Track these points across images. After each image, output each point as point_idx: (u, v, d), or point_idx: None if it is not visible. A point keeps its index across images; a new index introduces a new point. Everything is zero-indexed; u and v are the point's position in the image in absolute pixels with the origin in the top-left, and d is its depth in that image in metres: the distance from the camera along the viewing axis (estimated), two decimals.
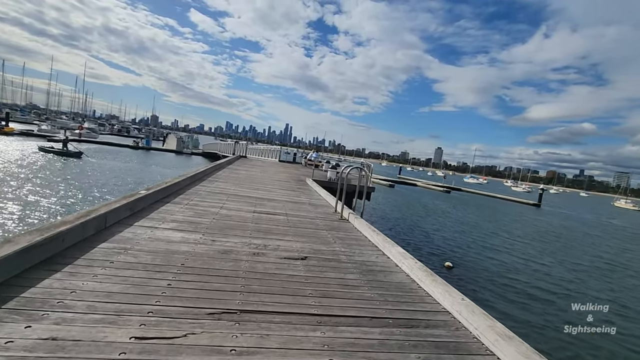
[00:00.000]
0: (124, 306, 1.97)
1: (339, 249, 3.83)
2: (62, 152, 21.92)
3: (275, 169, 15.04)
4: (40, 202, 10.00)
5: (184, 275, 2.52)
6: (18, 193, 10.78)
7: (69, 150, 22.25)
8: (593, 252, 14.51)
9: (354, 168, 6.27)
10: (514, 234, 16.46)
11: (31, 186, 11.94)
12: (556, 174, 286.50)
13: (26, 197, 10.44)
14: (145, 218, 3.90)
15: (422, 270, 3.07)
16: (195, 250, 3.12)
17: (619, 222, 33.18)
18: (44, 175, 14.25)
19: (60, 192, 11.67)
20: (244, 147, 23.94)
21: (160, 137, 58.85)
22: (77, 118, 68.41)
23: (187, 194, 5.85)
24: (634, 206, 69.22)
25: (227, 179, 8.96)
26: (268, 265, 3.01)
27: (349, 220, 5.52)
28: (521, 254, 12.20)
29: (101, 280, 2.25)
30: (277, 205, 6.12)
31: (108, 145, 36.59)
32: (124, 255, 2.74)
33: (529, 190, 71.54)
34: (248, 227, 4.23)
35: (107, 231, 3.24)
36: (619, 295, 8.88)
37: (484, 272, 9.27)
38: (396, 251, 3.64)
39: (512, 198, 40.23)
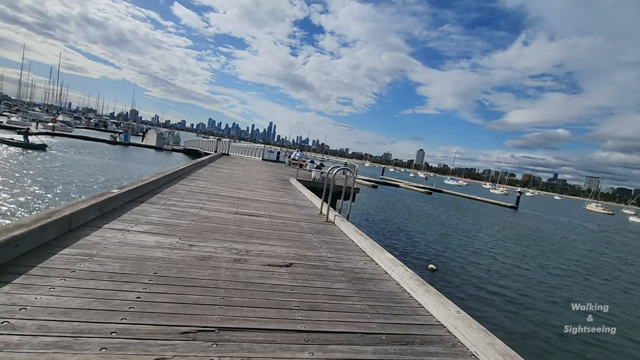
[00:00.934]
0: (84, 326, 1.71)
1: (325, 255, 3.64)
2: (23, 144, 20.58)
3: (258, 168, 14.72)
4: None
5: (156, 287, 2.27)
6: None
7: (31, 143, 20.95)
8: (571, 255, 14.89)
9: (341, 169, 6.10)
10: (495, 236, 16.74)
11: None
12: (532, 177, 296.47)
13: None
14: (117, 220, 3.59)
15: (413, 279, 2.92)
16: (171, 256, 2.86)
17: (591, 226, 34.46)
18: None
19: (17, 189, 10.67)
20: (226, 144, 23.43)
21: (139, 132, 56.99)
22: (51, 110, 65.47)
23: (164, 193, 5.52)
24: (604, 209, 72.45)
25: (208, 177, 8.62)
26: (250, 273, 2.79)
27: (334, 222, 5.35)
28: (503, 256, 12.37)
29: (58, 294, 1.97)
30: (260, 206, 5.88)
31: (83, 139, 35.09)
32: (88, 262, 2.45)
33: (506, 193, 73.67)
34: (229, 230, 3.98)
35: (71, 235, 2.93)
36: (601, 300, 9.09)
37: (467, 274, 9.30)
38: (385, 257, 3.48)
39: (491, 200, 41.18)
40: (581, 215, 50.54)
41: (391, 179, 52.17)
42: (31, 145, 20.67)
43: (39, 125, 36.54)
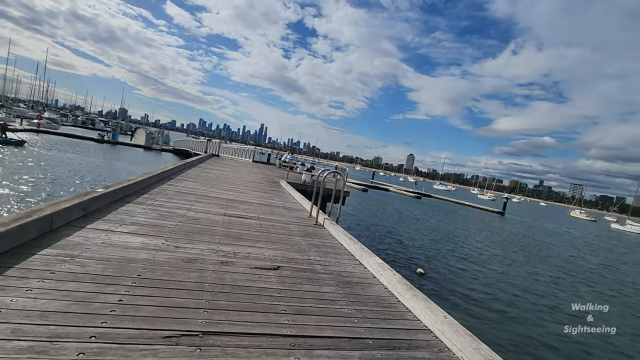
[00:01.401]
0: (61, 330, 1.65)
1: (314, 258, 3.61)
2: (3, 141, 19.99)
3: (248, 170, 14.62)
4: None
5: (139, 289, 2.21)
6: None
7: (9, 139, 20.30)
8: (557, 261, 15.12)
9: (331, 172, 6.10)
10: (483, 241, 16.92)
11: None
12: (518, 183, 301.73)
13: None
14: (101, 220, 3.51)
15: (401, 284, 2.92)
16: (156, 258, 2.80)
17: (575, 232, 35.14)
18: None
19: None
20: (216, 145, 23.24)
21: (128, 131, 56.08)
22: (37, 107, 64.05)
23: (151, 193, 5.43)
24: (587, 216, 74.16)
25: (197, 178, 8.52)
26: (237, 276, 2.75)
27: (324, 226, 5.33)
28: (491, 262, 12.49)
29: (36, 296, 1.90)
30: (249, 208, 5.83)
31: (70, 137, 34.33)
32: (69, 263, 2.38)
33: (494, 199, 74.73)
34: (217, 232, 3.93)
35: (52, 235, 2.84)
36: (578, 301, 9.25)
37: (455, 279, 9.37)
38: (374, 261, 3.48)
39: (478, 206, 41.71)
40: (566, 222, 51.56)
41: (381, 182, 52.44)
42: (8, 142, 20.04)
43: (23, 122, 35.65)
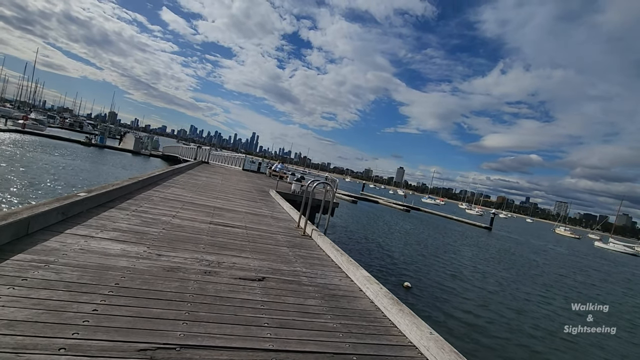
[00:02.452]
0: (28, 340, 1.57)
1: (300, 269, 3.55)
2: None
3: (238, 178, 14.50)
4: None
5: (116, 299, 2.13)
6: None
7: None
8: (544, 279, 15.24)
9: (320, 183, 6.08)
10: (470, 257, 17.01)
11: None
12: (505, 199, 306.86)
13: None
14: (81, 225, 3.40)
15: (387, 298, 2.88)
16: (136, 266, 2.71)
17: (561, 249, 35.64)
18: None
19: None
20: (206, 152, 23.05)
21: (117, 135, 55.25)
22: (23, 107, 62.71)
23: (136, 199, 5.31)
24: (572, 234, 75.54)
25: (185, 185, 8.39)
26: (220, 286, 2.67)
27: (311, 237, 5.28)
28: (478, 277, 12.53)
29: (4, 304, 1.81)
30: (236, 216, 5.74)
31: (56, 139, 33.60)
32: (43, 270, 2.28)
33: (481, 214, 75.67)
34: (202, 240, 3.84)
35: (28, 239, 2.73)
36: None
37: (442, 294, 9.35)
38: (361, 274, 3.44)
39: (466, 220, 42.11)
40: (551, 239, 52.36)
41: (371, 195, 52.62)
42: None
43: (8, 122, 34.83)
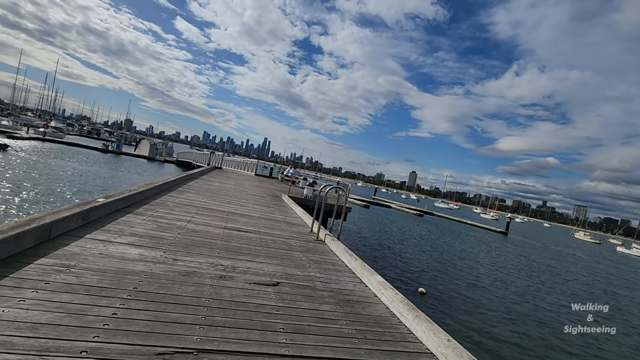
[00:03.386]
0: (51, 343, 1.60)
1: (314, 274, 3.54)
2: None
3: (250, 183, 14.63)
4: None
5: (134, 302, 2.16)
6: None
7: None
8: (564, 287, 14.73)
9: (333, 187, 6.07)
10: (486, 262, 16.69)
11: None
12: (521, 203, 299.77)
13: None
14: (100, 230, 3.47)
15: (403, 304, 2.84)
16: (153, 270, 2.75)
17: (583, 255, 34.43)
18: None
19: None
20: (219, 158, 23.34)
21: (133, 141, 56.64)
22: (44, 116, 64.96)
23: (152, 204, 5.40)
24: (592, 239, 73.28)
25: (199, 190, 8.51)
26: (235, 291, 2.69)
27: (325, 241, 5.26)
28: (495, 283, 12.27)
29: (28, 307, 1.86)
30: (249, 221, 5.78)
31: (74, 146, 34.66)
32: (64, 274, 2.33)
33: (497, 218, 74.27)
34: (216, 245, 3.88)
35: (50, 244, 2.81)
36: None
37: (458, 300, 9.18)
38: (375, 280, 3.40)
39: (481, 225, 41.39)
40: (570, 244, 50.92)
41: (383, 199, 52.32)
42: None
43: (29, 130, 36.08)
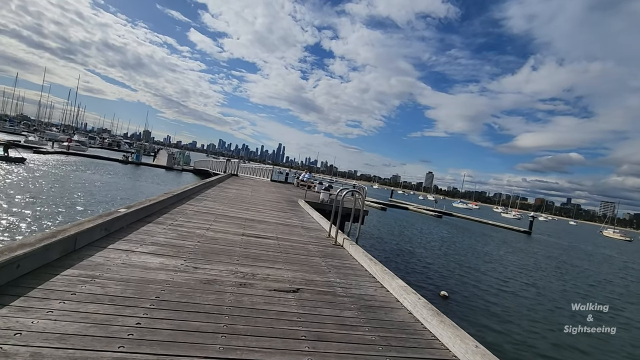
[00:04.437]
0: (79, 354, 1.62)
1: (334, 280, 3.50)
2: (3, 158, 21.07)
3: (266, 189, 14.72)
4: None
5: (157, 312, 2.17)
6: None
7: (11, 156, 21.44)
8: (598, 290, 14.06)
9: (350, 191, 6.03)
10: (510, 263, 16.20)
11: None
12: (544, 201, 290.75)
13: None
14: (122, 240, 3.55)
15: (427, 308, 2.77)
16: (175, 279, 2.77)
17: (615, 254, 32.90)
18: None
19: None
20: (235, 165, 23.64)
21: (151, 152, 58.19)
22: (68, 130, 67.56)
23: (172, 213, 5.50)
24: (622, 236, 69.79)
25: (216, 197, 8.62)
26: (256, 298, 2.68)
27: (343, 246, 5.21)
28: (521, 285, 11.87)
29: (56, 318, 1.90)
30: (267, 227, 5.79)
31: (96, 158, 35.84)
32: (90, 284, 2.38)
33: (519, 217, 72.11)
34: (235, 252, 3.89)
35: (75, 255, 2.88)
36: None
37: (482, 303, 8.92)
38: (397, 284, 3.34)
39: (503, 225, 40.29)
40: (599, 242, 48.86)
41: (400, 201, 51.74)
42: (10, 159, 21.19)
43: (54, 145, 37.55)
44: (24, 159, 21.74)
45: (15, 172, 17.50)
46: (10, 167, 19.27)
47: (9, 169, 18.41)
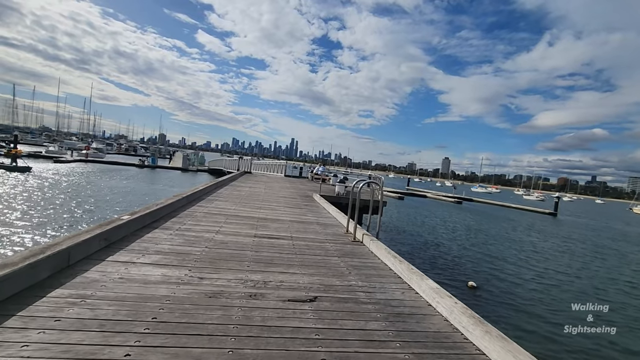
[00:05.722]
0: None
1: (355, 283, 3.14)
2: (10, 168, 21.56)
3: (280, 185, 14.45)
4: None
5: (152, 338, 1.86)
6: None
7: (18, 166, 21.93)
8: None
9: (366, 182, 5.61)
10: (541, 247, 15.45)
11: None
12: (568, 180, 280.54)
13: None
14: (123, 250, 3.28)
15: (467, 315, 2.37)
16: (177, 293, 2.47)
17: None
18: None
19: None
20: (248, 162, 23.51)
21: (167, 155, 59.09)
22: (86, 139, 69.32)
23: (180, 216, 5.24)
24: None
25: (228, 197, 8.36)
26: (268, 312, 2.34)
27: (363, 242, 4.84)
28: (557, 271, 11.18)
29: (30, 354, 1.60)
30: (281, 226, 5.47)
31: (114, 164, 36.51)
32: (78, 307, 2.09)
33: (542, 199, 69.69)
34: (246, 257, 3.57)
35: (68, 271, 2.61)
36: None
37: (515, 293, 8.39)
38: (427, 285, 2.94)
39: (527, 207, 38.92)
40: (631, 220, 46.65)
41: (418, 189, 50.76)
42: (17, 168, 21.70)
43: (73, 153, 38.45)
44: (29, 168, 22.30)
45: (22, 180, 18.01)
46: (16, 175, 19.83)
47: (16, 177, 18.94)
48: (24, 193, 14.34)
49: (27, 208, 11.53)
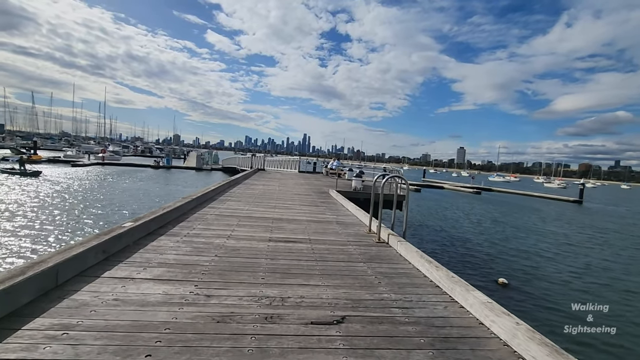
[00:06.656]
0: None
1: (388, 296, 2.68)
2: (19, 172, 21.71)
3: (294, 181, 14.05)
4: None
5: None
6: None
7: (26, 170, 22.05)
8: None
9: (390, 176, 5.10)
10: (574, 237, 14.57)
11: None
12: (590, 166, 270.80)
13: None
14: (123, 263, 2.91)
15: (535, 342, 1.87)
16: (179, 318, 2.07)
17: None
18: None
19: None
20: (261, 159, 23.22)
21: (181, 155, 59.72)
22: (103, 142, 70.77)
23: (189, 220, 4.88)
24: None
25: (241, 196, 8.00)
26: (287, 341, 1.92)
27: (389, 243, 4.37)
28: (596, 267, 10.36)
29: None
30: (297, 227, 5.04)
31: (130, 166, 36.94)
32: (57, 343, 1.72)
33: (564, 186, 67.29)
34: (260, 266, 3.16)
35: (56, 293, 2.25)
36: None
37: (548, 290, 7.77)
38: (475, 299, 2.46)
39: (549, 196, 37.44)
40: None
41: (434, 180, 49.68)
42: (26, 173, 21.84)
43: (90, 157, 39.09)
44: (39, 173, 22.54)
45: (31, 185, 18.19)
46: (25, 180, 19.98)
47: (25, 182, 19.08)
48: (31, 198, 14.23)
49: (31, 214, 11.35)
